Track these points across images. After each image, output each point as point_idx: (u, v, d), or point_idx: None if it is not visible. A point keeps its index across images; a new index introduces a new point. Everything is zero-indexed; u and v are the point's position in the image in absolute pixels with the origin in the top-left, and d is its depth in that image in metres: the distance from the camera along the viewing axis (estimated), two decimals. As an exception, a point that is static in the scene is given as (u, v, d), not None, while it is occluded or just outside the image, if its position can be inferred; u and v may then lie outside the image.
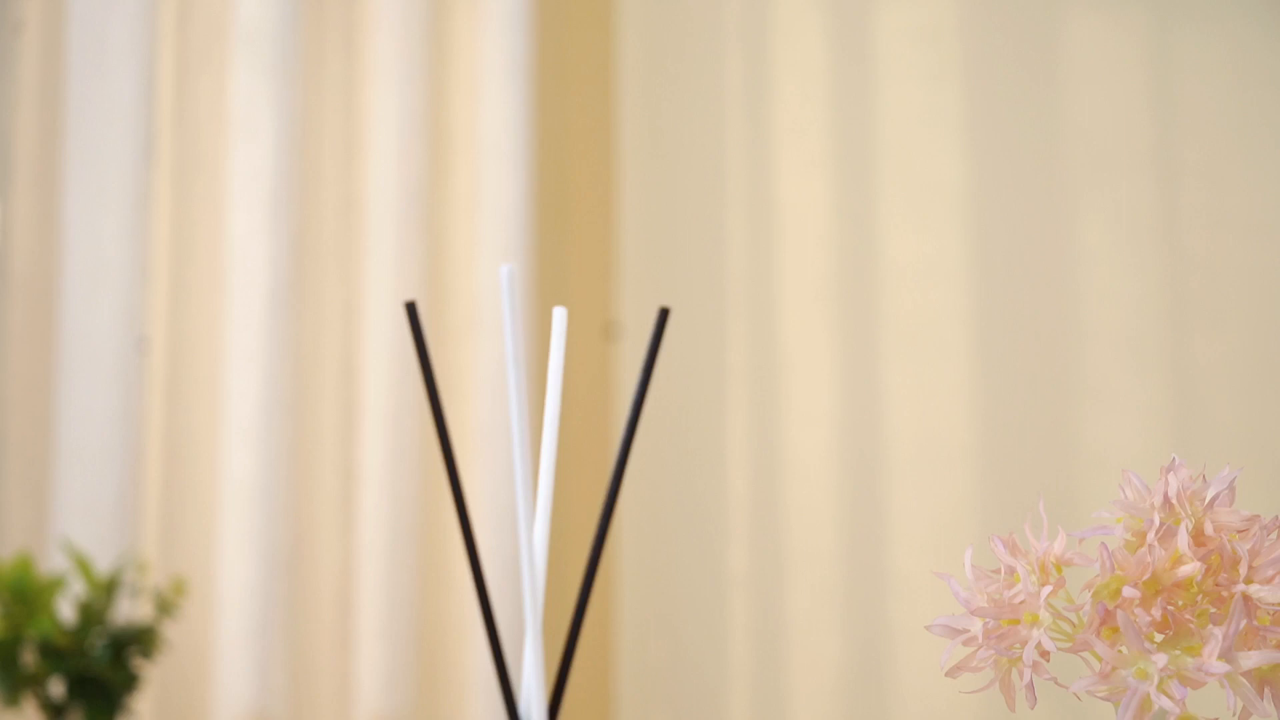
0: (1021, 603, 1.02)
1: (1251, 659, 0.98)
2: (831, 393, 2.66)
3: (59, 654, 2.24)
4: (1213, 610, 1.00)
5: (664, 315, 0.84)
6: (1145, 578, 0.99)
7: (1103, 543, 1.01)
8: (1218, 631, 0.98)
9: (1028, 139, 2.51)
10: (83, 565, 2.29)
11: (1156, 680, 0.97)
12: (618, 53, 3.02)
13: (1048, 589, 1.02)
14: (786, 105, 2.78)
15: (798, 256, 2.72)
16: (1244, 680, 0.98)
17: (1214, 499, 1.01)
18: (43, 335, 2.58)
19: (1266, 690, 1.00)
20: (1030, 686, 1.02)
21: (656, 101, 2.95)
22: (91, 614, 2.27)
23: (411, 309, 0.83)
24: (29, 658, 2.24)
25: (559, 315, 0.86)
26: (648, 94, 2.97)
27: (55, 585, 2.26)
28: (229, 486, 2.65)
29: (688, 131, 2.91)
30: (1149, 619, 0.99)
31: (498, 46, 2.82)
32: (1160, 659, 0.97)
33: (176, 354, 2.69)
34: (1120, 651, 0.99)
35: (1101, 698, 1.01)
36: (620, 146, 2.97)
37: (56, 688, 2.26)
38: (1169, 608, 0.99)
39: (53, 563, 2.36)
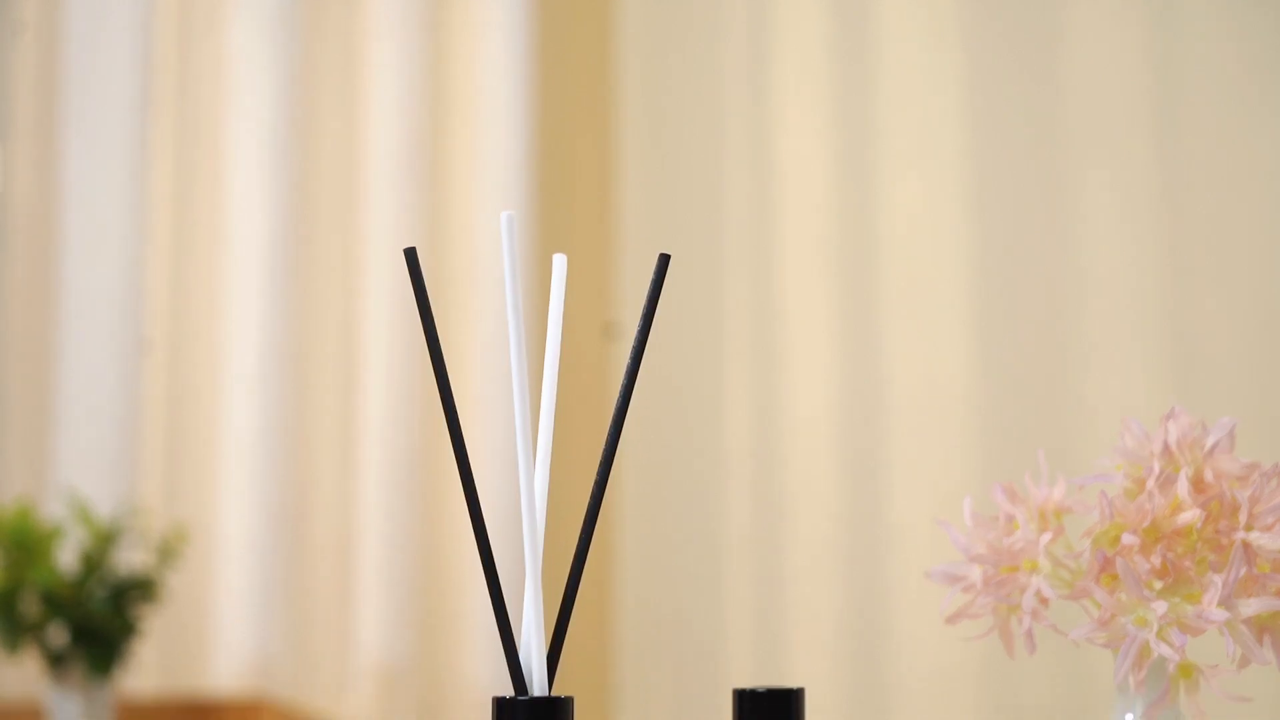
0: (1021, 550, 1.03)
1: (1251, 606, 0.98)
2: (831, 345, 2.66)
3: (59, 602, 2.24)
4: (1212, 557, 1.00)
5: (664, 262, 0.84)
6: (1145, 525, 0.99)
7: (1102, 490, 1.02)
8: (1217, 579, 0.98)
9: (1028, 95, 2.50)
10: (83, 513, 2.29)
11: (1156, 627, 0.97)
12: (619, 8, 3.01)
13: (1047, 536, 1.02)
14: (788, 58, 2.77)
15: (798, 209, 2.72)
16: (1244, 627, 0.98)
17: (1214, 446, 1.01)
18: (43, 285, 2.58)
19: (1266, 637, 1.00)
20: (1029, 634, 1.03)
21: (658, 56, 2.94)
22: (92, 562, 2.27)
23: (411, 255, 0.82)
24: (29, 606, 2.25)
25: (559, 262, 0.85)
26: (649, 48, 2.96)
27: (55, 534, 2.26)
28: (230, 437, 2.65)
29: (689, 84, 2.90)
30: (1148, 566, 0.99)
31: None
32: (1160, 606, 0.97)
33: (177, 308, 2.69)
34: (1119, 599, 0.99)
35: (1100, 645, 1.01)
36: (621, 97, 2.96)
37: (57, 636, 2.26)
38: (1168, 555, 0.99)
39: (53, 511, 2.36)
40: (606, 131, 2.95)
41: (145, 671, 2.54)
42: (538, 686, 0.80)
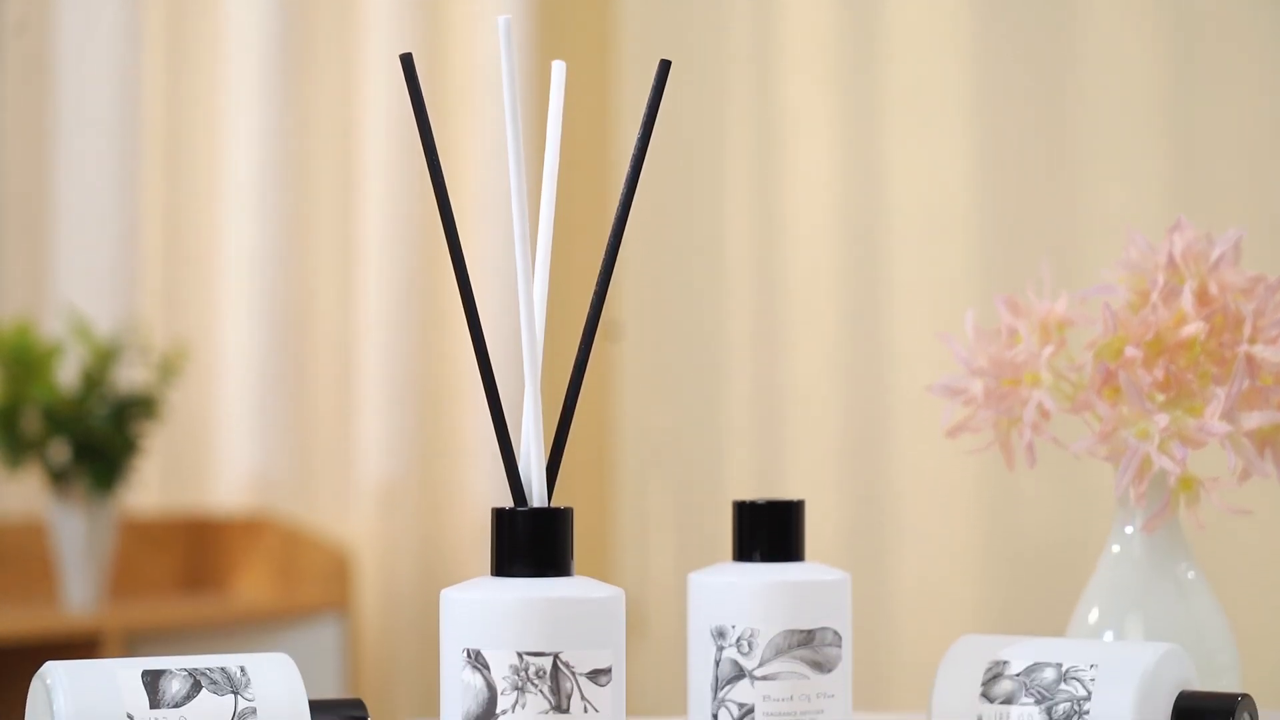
0: (1022, 363, 1.02)
1: (1253, 419, 0.98)
2: (833, 157, 2.65)
3: (60, 419, 2.25)
4: (1215, 370, 0.99)
5: (664, 68, 0.82)
6: (1148, 338, 0.99)
7: (1105, 302, 1.01)
8: (1220, 392, 0.98)
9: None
10: (83, 331, 2.29)
11: (1157, 440, 0.97)
12: None
13: (1049, 349, 1.02)
14: None
15: (800, 16, 2.68)
16: (1245, 440, 0.98)
17: (1219, 258, 1.00)
18: (39, 96, 2.55)
19: (1267, 450, 1.00)
20: (1030, 447, 1.02)
21: None
22: (92, 379, 2.27)
23: (407, 61, 0.81)
24: (30, 423, 2.25)
25: (557, 69, 0.84)
26: None
27: (55, 351, 2.26)
28: (229, 253, 2.64)
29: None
30: (1151, 379, 0.98)
31: None
32: (1161, 419, 0.97)
33: (174, 121, 2.66)
34: (1121, 412, 0.99)
35: (1101, 459, 1.01)
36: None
37: (59, 453, 2.27)
38: (1171, 368, 0.98)
39: (52, 328, 2.36)
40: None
41: (147, 489, 2.55)
42: (537, 498, 0.80)
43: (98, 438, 2.26)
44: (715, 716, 0.88)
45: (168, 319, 2.62)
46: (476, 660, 0.77)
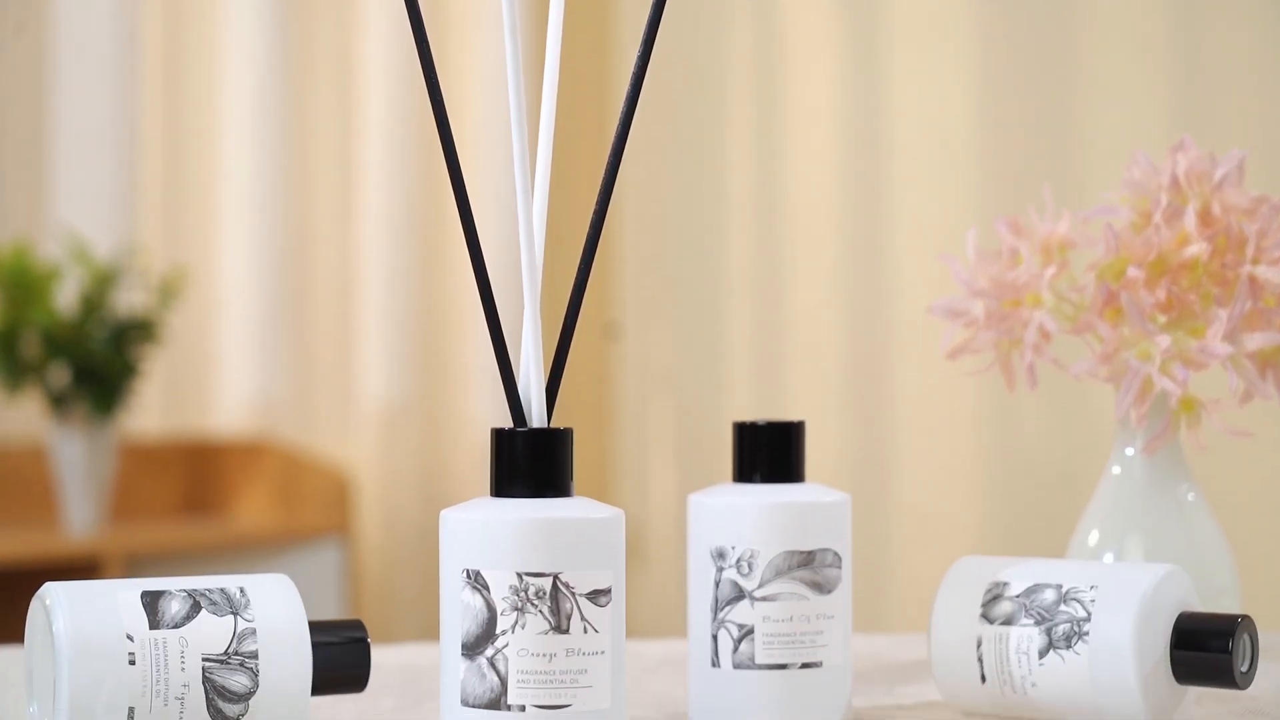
0: (1024, 284, 1.02)
1: (1255, 340, 0.98)
2: (836, 81, 2.63)
3: (60, 343, 2.24)
4: (1217, 292, 0.99)
5: (664, -14, 0.81)
6: (1150, 259, 0.98)
7: (1108, 223, 1.00)
8: (1222, 313, 0.97)
9: None
10: (81, 254, 2.28)
11: (1159, 362, 0.97)
12: None
13: (1051, 270, 1.01)
14: None
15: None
16: (1247, 362, 0.98)
17: (1222, 179, 1.00)
18: (38, 18, 2.53)
19: (1269, 372, 0.99)
20: (1030, 368, 1.02)
21: None
22: (92, 303, 2.27)
23: (403, -21, 0.80)
24: (30, 346, 2.25)
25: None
26: None
27: (54, 274, 2.26)
28: (229, 177, 2.63)
29: None
30: (1153, 300, 0.98)
31: None
32: (1163, 340, 0.97)
33: (173, 43, 2.65)
34: (1123, 333, 0.99)
35: (1102, 380, 1.01)
36: None
37: (58, 376, 2.27)
38: (1173, 289, 0.98)
39: (51, 252, 2.35)
40: None
41: (148, 412, 2.55)
42: (536, 418, 0.80)
43: (97, 361, 2.25)
44: (715, 638, 0.88)
45: (167, 242, 2.61)
46: (476, 581, 0.77)
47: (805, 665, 0.87)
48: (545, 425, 0.80)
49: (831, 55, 2.64)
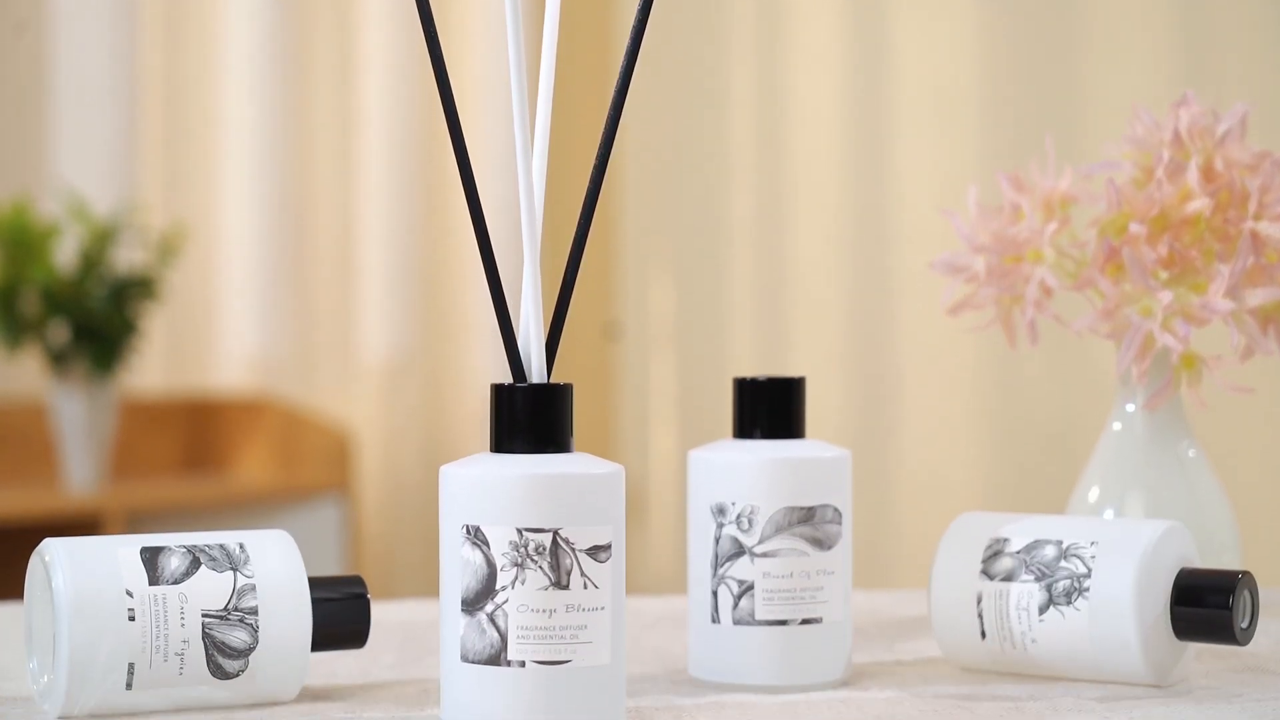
0: (1025, 240, 1.01)
1: (1257, 296, 0.97)
2: (838, 34, 2.62)
3: (59, 300, 2.24)
4: (1219, 247, 0.98)
5: (664, -61, 0.81)
6: (1152, 214, 0.98)
7: (1110, 179, 1.00)
8: (1224, 269, 0.97)
9: None
10: (80, 211, 2.28)
11: (1160, 318, 0.97)
12: None
13: (1052, 226, 1.01)
14: None
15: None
16: (1249, 318, 0.98)
17: (1225, 134, 0.99)
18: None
19: (1271, 328, 0.99)
20: (1032, 324, 1.02)
21: None
22: (91, 260, 2.26)
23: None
24: (29, 304, 2.24)
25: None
26: None
27: (53, 231, 2.25)
28: (229, 133, 2.62)
29: None
30: (1155, 256, 0.98)
31: None
32: (1165, 296, 0.96)
33: (173, 1, 2.63)
34: (1124, 289, 0.98)
35: (1104, 336, 1.00)
36: None
37: (58, 333, 2.27)
38: (1175, 245, 0.97)
39: (49, 209, 2.35)
40: None
41: (149, 370, 2.55)
42: (536, 374, 0.80)
43: (97, 318, 2.25)
44: (715, 593, 0.88)
45: (167, 200, 2.60)
46: (476, 536, 0.77)
47: (805, 621, 0.87)
48: (545, 381, 0.80)
49: (834, 9, 2.63)
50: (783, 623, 0.87)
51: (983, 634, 0.88)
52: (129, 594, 0.79)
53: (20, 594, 0.87)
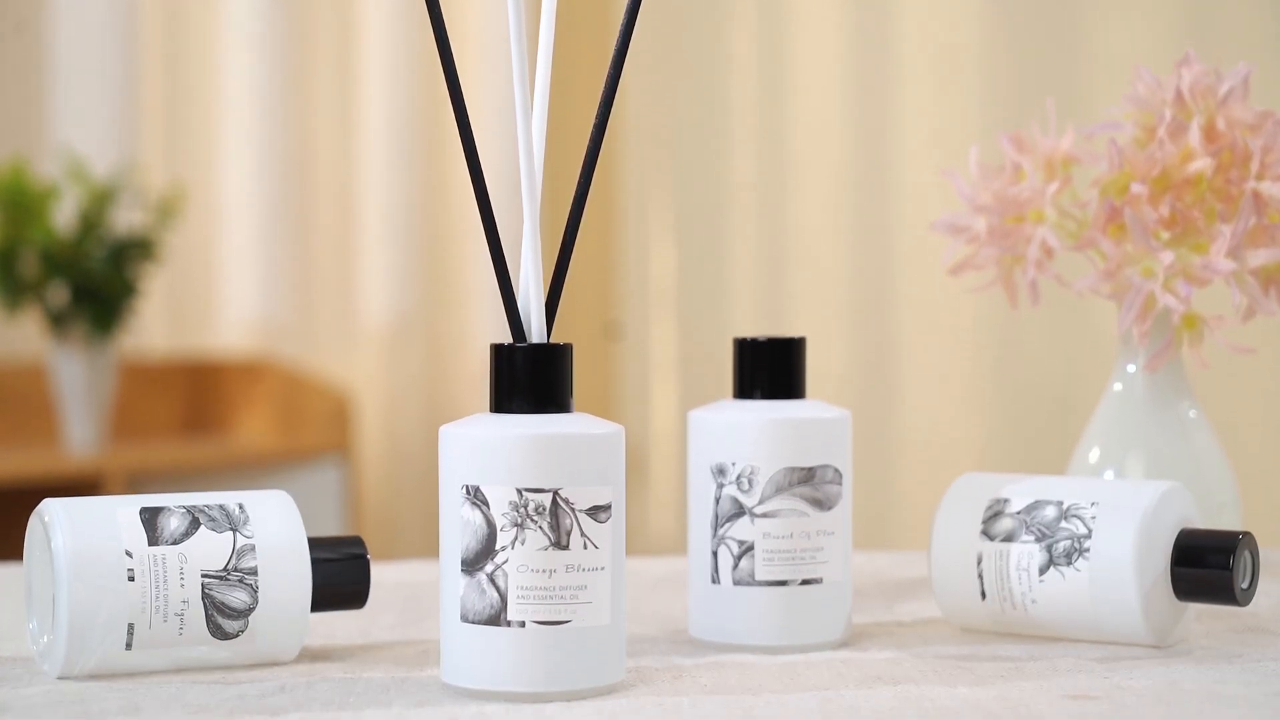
0: (1027, 200, 1.01)
1: (1259, 256, 0.97)
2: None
3: (58, 262, 2.23)
4: (1221, 208, 0.98)
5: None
6: (1154, 174, 0.97)
7: (1112, 139, 0.99)
8: (1226, 229, 0.96)
9: None
10: (79, 172, 2.27)
11: (1162, 278, 0.96)
12: None
13: (1054, 186, 1.00)
14: None
15: None
16: (1250, 278, 0.97)
17: (1227, 94, 0.99)
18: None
19: (1272, 289, 0.99)
20: (1033, 285, 1.02)
21: None
22: (90, 222, 2.26)
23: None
24: (28, 266, 2.24)
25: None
26: None
27: (51, 193, 2.25)
28: (229, 94, 2.61)
29: None
30: (1156, 216, 0.97)
31: None
32: (1166, 256, 0.96)
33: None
34: (1126, 249, 0.98)
35: (1105, 297, 1.00)
36: None
37: (57, 295, 2.26)
38: (1177, 205, 0.97)
39: (48, 170, 2.34)
40: None
41: (148, 332, 2.55)
42: (536, 333, 0.80)
43: (96, 280, 2.25)
44: (715, 554, 0.88)
45: (166, 161, 2.60)
46: (475, 496, 0.76)
47: (805, 582, 0.87)
48: (545, 340, 0.80)
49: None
50: (783, 583, 0.87)
51: (983, 595, 0.88)
52: (128, 554, 0.79)
53: (20, 555, 0.87)
